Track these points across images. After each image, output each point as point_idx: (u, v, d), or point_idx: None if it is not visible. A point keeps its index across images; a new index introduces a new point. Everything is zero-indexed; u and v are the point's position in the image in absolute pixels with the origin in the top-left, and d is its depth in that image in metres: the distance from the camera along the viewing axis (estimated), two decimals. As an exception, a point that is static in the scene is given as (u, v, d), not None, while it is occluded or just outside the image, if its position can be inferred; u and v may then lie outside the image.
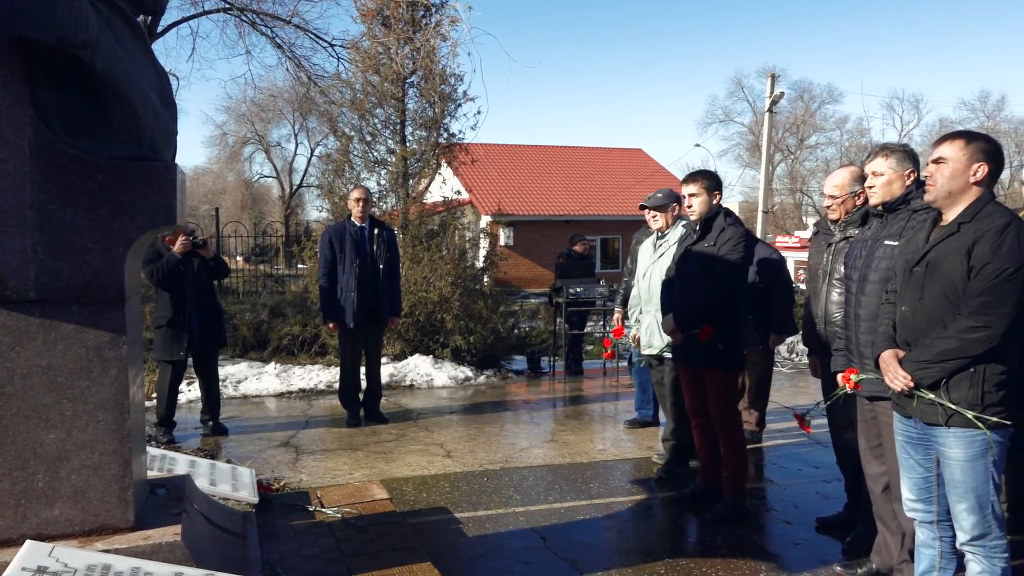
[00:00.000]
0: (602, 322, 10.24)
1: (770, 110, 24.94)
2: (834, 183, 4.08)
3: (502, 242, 23.54)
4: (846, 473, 4.28)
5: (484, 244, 11.66)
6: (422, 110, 10.37)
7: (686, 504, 4.72)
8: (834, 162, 46.22)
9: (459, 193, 11.11)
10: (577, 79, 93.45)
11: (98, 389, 2.81)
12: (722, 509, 4.46)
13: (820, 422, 4.60)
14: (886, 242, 3.29)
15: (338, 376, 7.18)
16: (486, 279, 10.78)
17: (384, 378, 7.87)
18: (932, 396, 2.78)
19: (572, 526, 4.38)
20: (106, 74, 2.66)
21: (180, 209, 2.95)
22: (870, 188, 3.42)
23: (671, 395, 5.27)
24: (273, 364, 8.93)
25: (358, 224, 6.71)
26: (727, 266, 4.36)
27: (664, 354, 5.19)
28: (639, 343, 5.49)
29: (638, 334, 5.49)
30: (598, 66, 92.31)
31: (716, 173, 4.63)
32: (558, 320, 9.63)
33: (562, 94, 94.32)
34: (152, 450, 4.82)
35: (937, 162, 2.83)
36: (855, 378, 3.24)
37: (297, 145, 49.06)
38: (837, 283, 3.96)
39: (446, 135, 10.39)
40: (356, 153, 10.48)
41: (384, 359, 8.45)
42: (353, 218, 6.73)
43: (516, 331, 10.73)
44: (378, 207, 10.07)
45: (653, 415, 6.71)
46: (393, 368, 8.81)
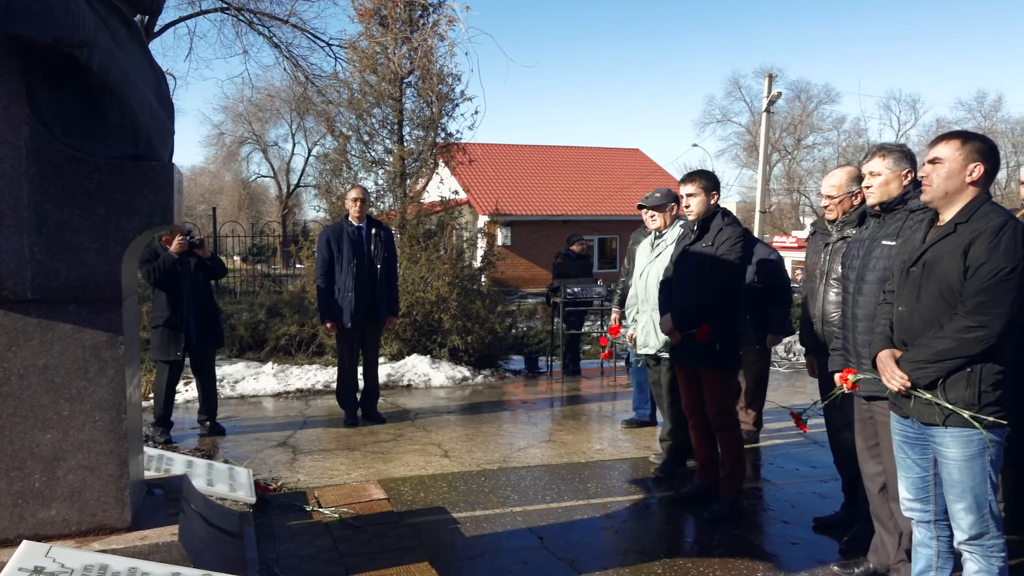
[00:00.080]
0: (599, 322, 10.24)
1: (767, 110, 24.97)
2: (831, 183, 4.08)
3: (500, 242, 23.54)
4: (843, 473, 4.28)
5: (482, 244, 11.65)
6: (419, 110, 10.37)
7: (683, 504, 4.73)
8: (831, 162, 46.30)
9: (456, 193, 11.10)
10: (574, 79, 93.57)
11: (95, 389, 2.81)
12: (719, 509, 4.46)
13: (817, 422, 4.59)
14: (883, 242, 3.30)
15: (335, 376, 7.18)
16: (484, 279, 10.78)
17: (382, 378, 7.87)
18: (929, 396, 2.78)
19: (570, 526, 4.38)
20: (103, 74, 2.66)
21: (177, 209, 2.95)
22: (867, 188, 3.42)
23: (668, 395, 5.27)
24: (270, 364, 8.93)
25: (356, 224, 6.71)
26: (725, 266, 4.36)
27: (660, 354, 5.19)
28: (635, 343, 5.49)
29: (635, 334, 5.49)
30: (595, 66, 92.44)
31: (714, 173, 4.63)
32: (556, 320, 9.63)
33: (560, 94, 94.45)
34: (149, 450, 4.83)
35: (933, 162, 2.84)
36: (852, 378, 3.24)
37: (294, 145, 49.21)
38: (834, 283, 3.97)
39: (444, 135, 10.39)
40: (353, 153, 10.47)
41: (382, 359, 8.45)
42: (351, 218, 6.73)
43: (514, 331, 10.73)
44: (375, 207, 10.06)
45: (651, 415, 6.72)
46: (391, 368, 8.81)
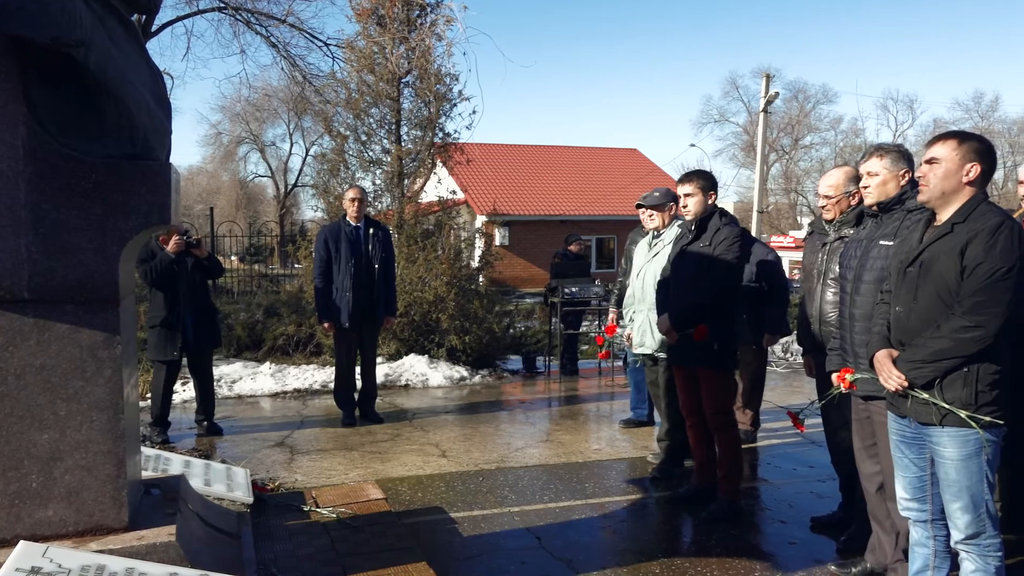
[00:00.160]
0: (597, 322, 10.25)
1: (765, 110, 24.97)
2: (829, 183, 4.09)
3: (497, 242, 23.53)
4: (841, 472, 4.28)
5: (479, 244, 11.65)
6: (417, 110, 10.36)
7: (681, 504, 4.73)
8: (829, 162, 46.35)
9: (454, 193, 11.10)
10: (572, 79, 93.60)
11: (92, 389, 2.80)
12: (717, 509, 4.46)
13: (815, 421, 4.60)
14: (881, 242, 3.30)
15: (333, 376, 7.18)
16: (481, 279, 10.78)
17: (379, 378, 7.87)
18: (926, 396, 2.78)
19: (567, 526, 4.38)
20: (100, 73, 2.66)
21: (174, 208, 2.95)
22: (865, 188, 3.42)
23: (666, 395, 5.27)
24: (268, 364, 8.92)
25: (353, 224, 6.71)
26: (722, 266, 4.37)
27: (657, 354, 5.20)
28: (632, 342, 5.49)
29: (631, 333, 5.49)
30: (593, 66, 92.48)
31: (711, 173, 4.63)
32: (553, 320, 9.63)
33: (557, 94, 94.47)
34: (146, 450, 4.82)
35: (930, 162, 2.84)
36: (850, 377, 3.25)
37: (292, 145, 49.25)
38: (832, 283, 3.97)
39: (441, 135, 10.39)
40: (351, 153, 10.46)
41: (379, 359, 8.44)
42: (348, 218, 6.73)
43: (511, 331, 10.73)
44: (373, 207, 10.06)
45: (648, 415, 6.72)
46: (388, 368, 8.80)
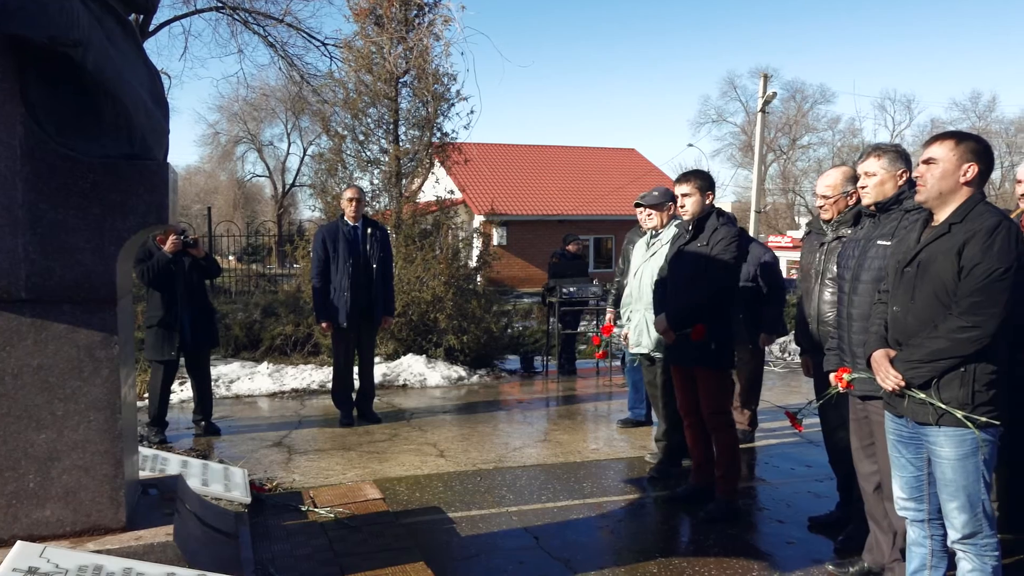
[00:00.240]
0: (595, 322, 10.26)
1: (763, 110, 24.98)
2: (827, 183, 4.09)
3: (495, 242, 23.51)
4: (838, 472, 4.29)
5: (477, 244, 11.64)
6: (415, 109, 10.36)
7: (679, 503, 4.73)
8: (826, 162, 46.39)
9: (452, 193, 11.10)
10: (570, 78, 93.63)
11: (89, 389, 2.80)
12: (715, 508, 4.47)
13: (812, 421, 4.61)
14: (878, 242, 3.31)
15: (331, 376, 7.17)
16: (479, 279, 10.78)
17: (377, 378, 7.87)
18: (923, 395, 2.79)
19: (565, 525, 4.38)
20: (97, 73, 2.65)
21: (172, 208, 2.95)
22: (862, 188, 3.43)
23: (663, 396, 5.28)
24: (266, 364, 8.91)
25: (351, 223, 6.71)
26: (720, 266, 4.37)
27: (653, 353, 5.20)
28: (629, 341, 5.49)
29: (628, 332, 5.49)
30: (591, 66, 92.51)
31: (709, 173, 4.64)
32: (551, 320, 9.63)
33: (555, 94, 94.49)
34: (144, 450, 4.81)
35: (927, 162, 2.84)
36: (847, 377, 3.25)
37: (290, 144, 49.05)
38: (830, 283, 3.97)
39: (439, 134, 10.39)
40: (349, 152, 10.46)
41: (377, 359, 8.45)
42: (346, 217, 6.72)
43: (509, 331, 10.74)
44: (371, 207, 10.06)
45: (646, 414, 6.72)
46: (386, 368, 8.80)
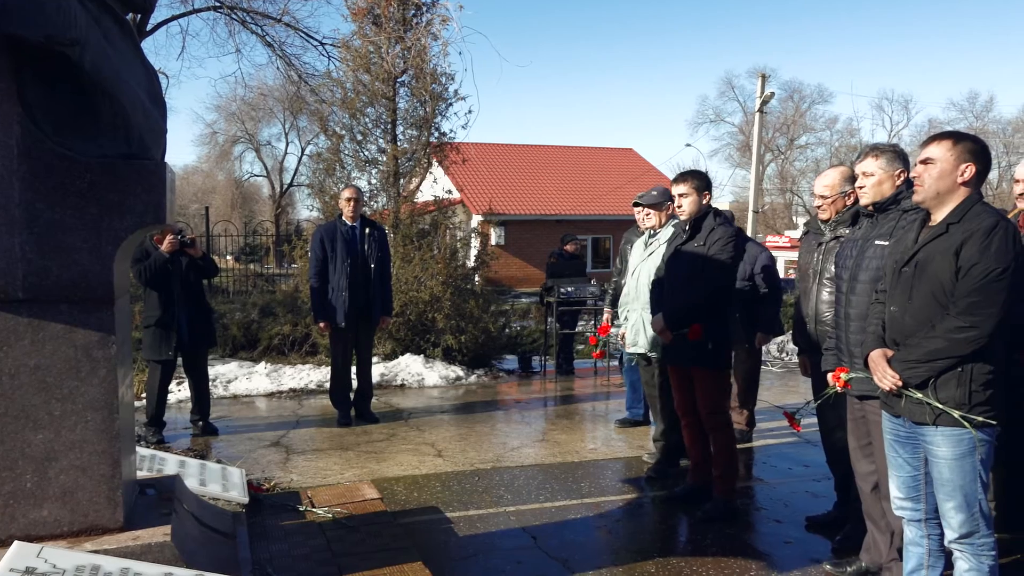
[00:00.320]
0: (593, 322, 10.26)
1: (760, 110, 25.02)
2: (824, 183, 4.09)
3: (493, 241, 23.53)
4: (836, 472, 4.29)
5: (475, 243, 11.65)
6: (413, 109, 10.36)
7: (677, 503, 4.74)
8: (824, 162, 46.45)
9: (450, 192, 11.10)
10: (568, 78, 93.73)
11: (87, 389, 2.80)
12: (712, 508, 4.47)
13: (810, 421, 4.61)
14: (876, 242, 3.31)
15: (329, 376, 7.17)
16: (477, 278, 10.78)
17: (375, 377, 7.86)
18: (920, 395, 2.79)
19: (563, 525, 4.38)
20: (95, 72, 2.65)
21: (170, 208, 2.94)
22: (860, 188, 3.43)
23: (661, 396, 5.28)
24: (263, 364, 8.90)
25: (349, 223, 6.70)
26: (717, 266, 4.37)
27: (648, 353, 5.20)
28: (626, 341, 5.49)
29: (625, 332, 5.49)
30: (589, 65, 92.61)
31: (705, 173, 4.65)
32: (549, 320, 9.63)
33: (553, 93, 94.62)
34: (142, 450, 4.81)
35: (925, 163, 2.85)
36: (845, 377, 3.25)
37: (287, 144, 49.05)
38: (827, 283, 3.98)
39: (437, 134, 10.38)
40: (347, 152, 10.45)
41: (375, 358, 8.44)
42: (344, 217, 6.72)
43: (507, 331, 10.74)
44: (369, 206, 10.05)
45: (644, 414, 6.72)
46: (384, 368, 8.79)
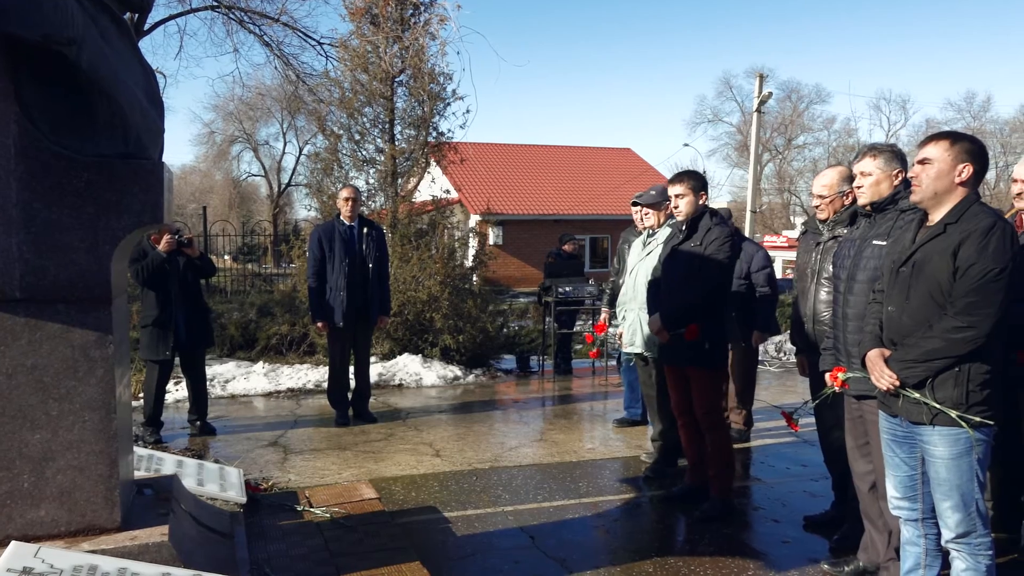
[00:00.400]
0: (591, 321, 10.26)
1: (758, 110, 25.04)
2: (823, 183, 4.10)
3: (491, 241, 23.55)
4: (833, 472, 4.30)
5: (473, 243, 11.65)
6: (411, 109, 10.35)
7: (675, 503, 4.74)
8: (822, 162, 46.46)
9: (448, 192, 11.10)
10: (566, 78, 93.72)
11: (84, 389, 2.79)
12: (710, 508, 4.48)
13: (808, 421, 4.62)
14: (874, 242, 3.31)
15: (327, 375, 7.16)
16: (475, 278, 10.78)
17: (373, 377, 7.85)
18: (917, 395, 2.79)
19: (561, 525, 4.38)
20: (92, 72, 2.64)
21: (167, 208, 2.94)
22: (858, 188, 3.44)
23: (659, 396, 5.28)
24: (261, 363, 8.89)
25: (347, 223, 6.70)
26: (713, 265, 4.38)
27: (645, 353, 5.20)
28: (623, 340, 5.50)
29: (623, 331, 5.50)
30: (587, 65, 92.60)
31: (702, 173, 4.67)
32: (547, 319, 9.63)
33: (551, 93, 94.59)
34: (139, 450, 4.80)
35: (922, 163, 2.85)
36: (842, 376, 3.25)
37: (285, 144, 48.97)
38: (825, 282, 3.98)
39: (435, 134, 10.38)
40: (345, 152, 10.45)
41: (373, 358, 8.43)
42: (342, 217, 6.72)
43: (505, 330, 10.74)
44: (367, 206, 10.05)
45: (642, 414, 6.72)
46: (382, 367, 8.79)
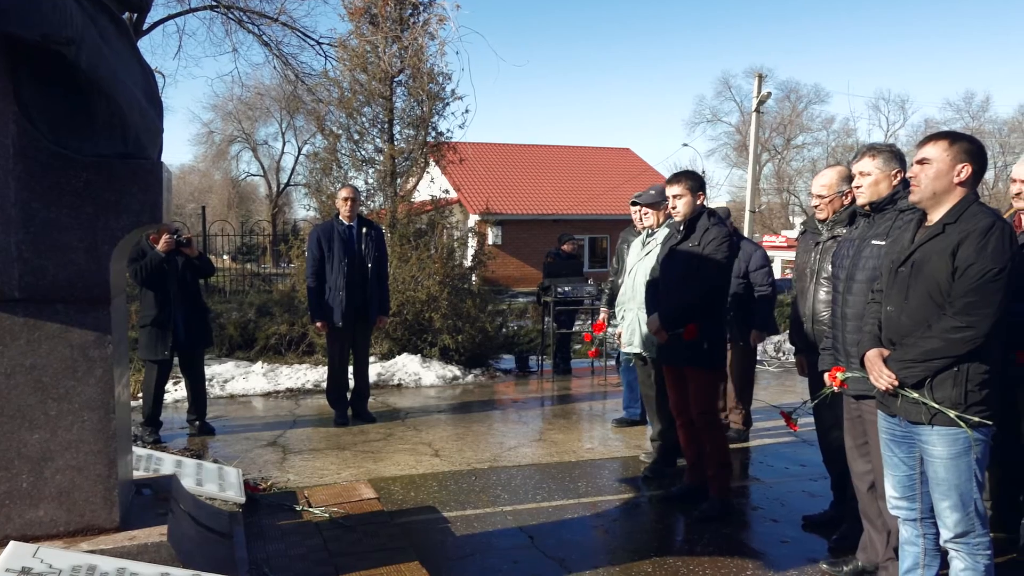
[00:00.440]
0: (590, 321, 10.26)
1: (757, 110, 25.05)
2: (822, 183, 4.10)
3: (490, 241, 23.56)
4: (832, 471, 4.30)
5: (472, 243, 11.65)
6: (410, 109, 10.35)
7: (673, 503, 4.74)
8: (821, 162, 46.49)
9: (447, 192, 11.10)
10: (565, 78, 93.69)
11: (83, 389, 2.79)
12: (709, 508, 4.48)
13: (807, 420, 4.62)
14: (873, 242, 3.32)
15: (326, 375, 7.16)
16: (474, 278, 10.78)
17: (372, 377, 7.85)
18: (916, 395, 2.80)
19: (560, 525, 4.38)
20: (91, 71, 2.64)
21: (166, 207, 2.94)
22: (857, 188, 3.44)
23: (657, 396, 5.28)
24: (260, 363, 8.89)
25: (346, 223, 6.70)
26: (712, 265, 4.38)
27: (643, 353, 5.20)
28: (622, 340, 5.50)
29: (622, 331, 5.50)
30: (587, 65, 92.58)
31: (699, 174, 4.68)
32: (546, 319, 9.64)
33: (550, 93, 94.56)
34: (138, 450, 4.79)
35: (921, 163, 2.85)
36: (841, 376, 3.26)
37: (284, 143, 48.95)
38: (824, 282, 3.98)
39: (434, 134, 10.37)
40: (344, 152, 10.45)
41: (372, 358, 8.42)
42: (341, 217, 6.72)
43: (504, 330, 10.73)
44: (366, 206, 10.04)
45: (641, 414, 6.73)
46: (381, 367, 8.79)
